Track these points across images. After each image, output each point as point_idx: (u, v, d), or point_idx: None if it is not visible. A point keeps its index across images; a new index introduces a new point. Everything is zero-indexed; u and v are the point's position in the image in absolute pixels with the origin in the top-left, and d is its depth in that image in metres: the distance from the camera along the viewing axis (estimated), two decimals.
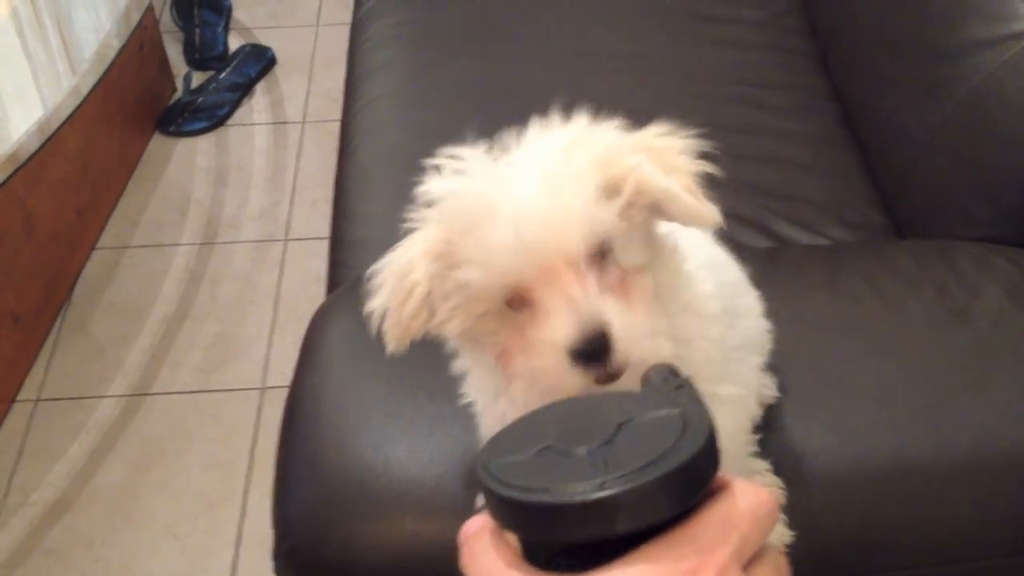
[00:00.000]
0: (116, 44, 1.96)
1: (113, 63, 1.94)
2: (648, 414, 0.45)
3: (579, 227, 0.63)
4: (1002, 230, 1.19)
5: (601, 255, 0.64)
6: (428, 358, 1.00)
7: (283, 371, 1.85)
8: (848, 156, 1.48)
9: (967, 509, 0.90)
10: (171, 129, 2.33)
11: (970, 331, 1.00)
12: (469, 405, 0.83)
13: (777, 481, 0.87)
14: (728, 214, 1.37)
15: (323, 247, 1.86)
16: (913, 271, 1.10)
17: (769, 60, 1.64)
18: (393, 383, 0.97)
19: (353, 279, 1.20)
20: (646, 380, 0.48)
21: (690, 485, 0.42)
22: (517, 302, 0.65)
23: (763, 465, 0.87)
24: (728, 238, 0.88)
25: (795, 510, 0.87)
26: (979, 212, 1.22)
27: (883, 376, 0.94)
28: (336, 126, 1.69)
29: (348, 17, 1.93)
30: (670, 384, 0.47)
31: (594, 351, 0.62)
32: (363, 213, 1.39)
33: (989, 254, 1.12)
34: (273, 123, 2.40)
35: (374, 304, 0.71)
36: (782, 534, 0.87)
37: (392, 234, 1.33)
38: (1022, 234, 1.17)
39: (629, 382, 0.63)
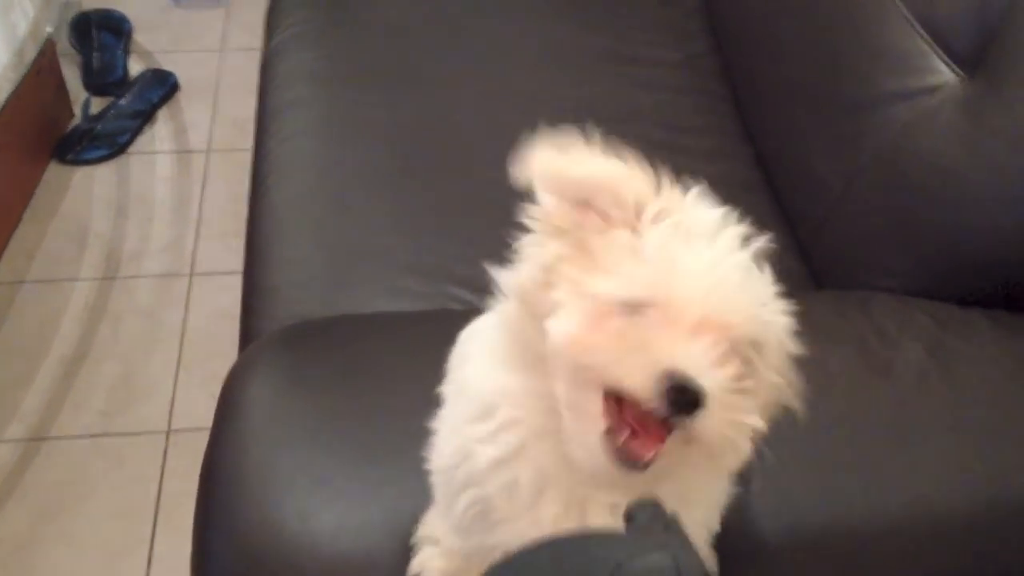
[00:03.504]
0: (12, 79, 1.88)
1: (10, 95, 1.86)
2: (639, 560, 0.43)
3: (756, 317, 0.65)
4: (918, 281, 1.21)
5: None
6: (355, 420, 0.98)
7: (190, 412, 1.79)
8: (763, 201, 1.49)
9: (900, 571, 0.91)
10: (69, 157, 2.25)
11: (892, 388, 1.02)
12: (412, 462, 0.81)
13: (711, 554, 0.87)
14: None
15: (231, 281, 1.80)
16: (834, 326, 1.11)
17: (685, 102, 1.65)
18: (319, 447, 0.94)
19: (269, 333, 1.16)
20: (630, 517, 0.46)
21: None
22: (646, 306, 0.63)
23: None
24: None
25: None
26: (895, 263, 1.24)
27: (809, 437, 0.94)
28: (243, 155, 1.65)
29: (254, 42, 1.89)
30: (657, 524, 0.46)
31: (691, 395, 0.60)
32: (278, 257, 1.35)
33: (908, 308, 1.14)
34: (177, 151, 2.33)
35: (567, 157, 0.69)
36: None
37: (312, 278, 1.31)
38: (937, 285, 1.20)
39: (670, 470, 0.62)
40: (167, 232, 2.13)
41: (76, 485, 1.68)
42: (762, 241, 0.69)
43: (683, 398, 0.60)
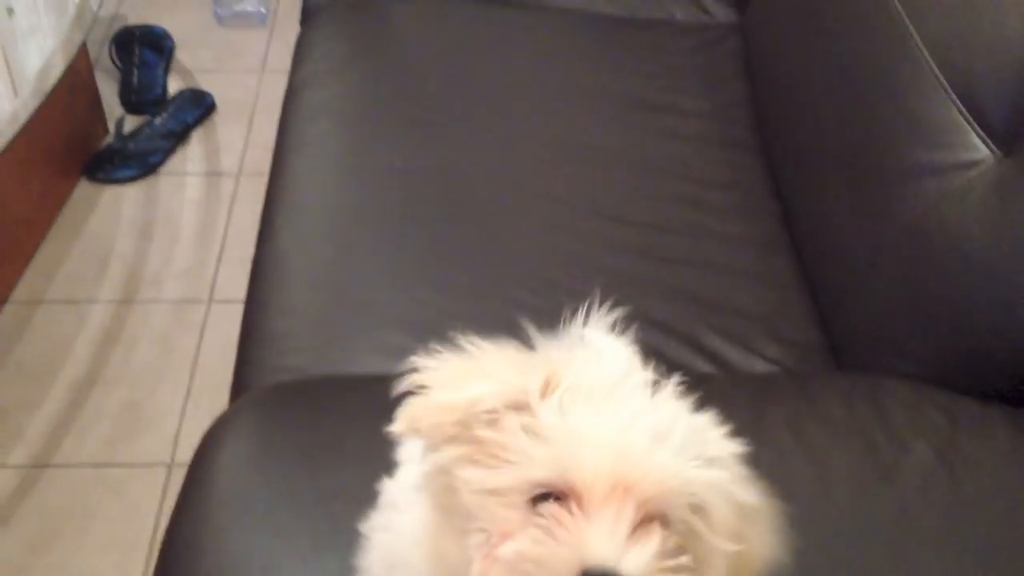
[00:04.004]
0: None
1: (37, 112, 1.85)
2: None
3: (677, 477, 0.58)
4: (935, 368, 1.14)
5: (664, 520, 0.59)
6: (315, 503, 0.94)
7: (194, 446, 1.75)
8: (787, 264, 1.43)
9: None
10: (99, 176, 2.24)
11: (896, 494, 0.95)
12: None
13: None
14: (660, 325, 1.31)
15: None
16: (841, 419, 1.05)
17: (712, 155, 1.59)
18: (274, 531, 0.89)
19: (252, 392, 1.12)
20: None
21: None
22: (555, 493, 0.58)
23: None
24: (657, 353, 0.82)
25: None
26: (914, 347, 1.17)
27: (801, 545, 0.88)
28: None
29: None
30: None
31: None
32: (277, 304, 1.32)
33: (922, 401, 1.07)
34: (207, 173, 2.31)
35: (422, 378, 0.65)
36: None
37: (310, 329, 1.27)
38: (954, 375, 1.13)
39: None
40: (189, 256, 2.11)
41: (73, 515, 1.65)
42: (672, 385, 0.62)
43: None
